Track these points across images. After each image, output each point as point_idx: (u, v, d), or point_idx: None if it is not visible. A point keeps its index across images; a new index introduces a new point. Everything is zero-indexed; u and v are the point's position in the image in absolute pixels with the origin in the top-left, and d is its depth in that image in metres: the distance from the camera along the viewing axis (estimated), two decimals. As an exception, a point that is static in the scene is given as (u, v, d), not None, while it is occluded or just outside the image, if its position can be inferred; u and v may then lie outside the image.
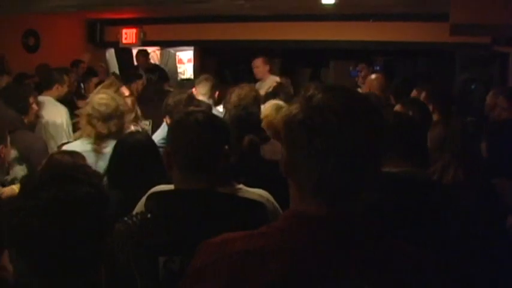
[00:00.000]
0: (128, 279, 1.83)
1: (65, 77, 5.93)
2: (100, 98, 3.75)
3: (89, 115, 3.65)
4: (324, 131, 1.19)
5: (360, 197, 1.27)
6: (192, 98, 4.35)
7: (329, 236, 1.22)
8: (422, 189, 2.27)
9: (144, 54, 9.44)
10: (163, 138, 3.76)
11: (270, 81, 6.59)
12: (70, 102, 6.09)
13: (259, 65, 7.15)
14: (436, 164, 2.57)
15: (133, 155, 3.05)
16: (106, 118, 3.58)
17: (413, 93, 4.76)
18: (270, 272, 1.19)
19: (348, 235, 1.23)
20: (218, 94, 5.46)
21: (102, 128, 3.57)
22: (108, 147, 3.41)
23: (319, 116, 1.20)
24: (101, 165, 3.38)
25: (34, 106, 4.64)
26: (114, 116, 3.61)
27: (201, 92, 5.33)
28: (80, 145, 3.59)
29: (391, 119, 2.43)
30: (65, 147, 3.67)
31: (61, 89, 5.73)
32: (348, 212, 1.24)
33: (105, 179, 3.04)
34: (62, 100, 5.75)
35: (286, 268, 1.19)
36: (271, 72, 7.26)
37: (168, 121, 4.25)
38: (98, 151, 3.52)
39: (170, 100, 4.28)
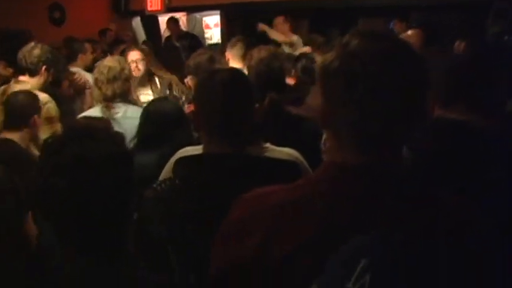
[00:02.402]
0: (157, 245, 1.81)
1: (86, 45, 6.01)
2: (106, 60, 3.90)
3: (95, 79, 3.80)
4: (361, 76, 1.15)
5: (400, 146, 1.23)
6: (213, 59, 4.25)
7: (366, 185, 1.18)
8: (487, 139, 2.09)
9: (174, 22, 9.31)
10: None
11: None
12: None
13: (277, 24, 7.07)
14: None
15: (162, 122, 3.05)
16: (110, 80, 3.69)
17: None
18: (307, 223, 1.16)
19: (386, 184, 1.18)
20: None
21: (106, 89, 3.68)
22: (120, 113, 3.54)
23: (355, 62, 1.15)
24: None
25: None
26: (119, 78, 3.70)
27: (237, 54, 4.95)
28: (93, 112, 3.71)
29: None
30: (79, 116, 3.78)
31: (85, 58, 5.84)
32: (386, 161, 1.19)
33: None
34: (90, 69, 5.74)
35: (323, 218, 1.16)
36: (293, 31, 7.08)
37: (190, 82, 4.19)
38: (109, 116, 3.61)
39: (191, 61, 4.23)
